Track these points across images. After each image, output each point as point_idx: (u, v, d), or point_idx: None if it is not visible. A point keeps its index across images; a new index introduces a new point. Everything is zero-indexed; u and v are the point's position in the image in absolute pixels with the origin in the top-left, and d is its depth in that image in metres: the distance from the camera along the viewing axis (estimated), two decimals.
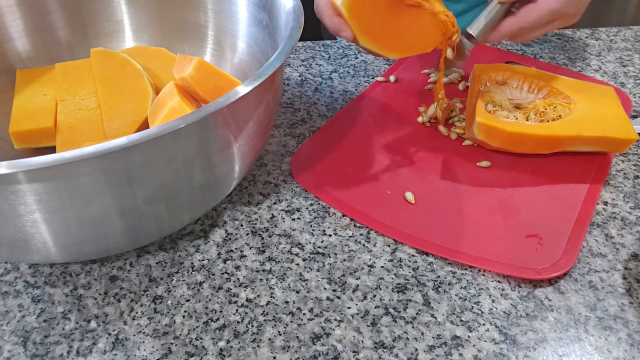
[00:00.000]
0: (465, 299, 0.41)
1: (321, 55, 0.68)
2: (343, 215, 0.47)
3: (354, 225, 0.47)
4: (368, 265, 0.43)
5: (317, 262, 0.44)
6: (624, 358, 0.38)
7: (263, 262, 0.44)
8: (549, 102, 0.53)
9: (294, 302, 0.41)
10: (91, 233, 0.37)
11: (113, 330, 0.39)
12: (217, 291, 0.41)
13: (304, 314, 0.40)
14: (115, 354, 0.37)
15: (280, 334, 0.39)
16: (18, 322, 0.39)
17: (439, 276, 0.43)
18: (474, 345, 0.38)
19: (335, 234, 0.46)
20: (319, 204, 0.49)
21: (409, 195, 0.48)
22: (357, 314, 0.40)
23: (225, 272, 0.43)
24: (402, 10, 0.47)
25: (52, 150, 0.50)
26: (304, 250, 0.45)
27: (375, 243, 0.45)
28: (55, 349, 0.38)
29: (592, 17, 1.68)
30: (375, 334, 0.39)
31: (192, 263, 0.43)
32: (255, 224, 0.47)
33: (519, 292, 0.42)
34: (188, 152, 0.37)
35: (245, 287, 0.42)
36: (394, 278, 0.42)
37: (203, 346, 0.38)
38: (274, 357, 0.37)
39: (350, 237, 0.46)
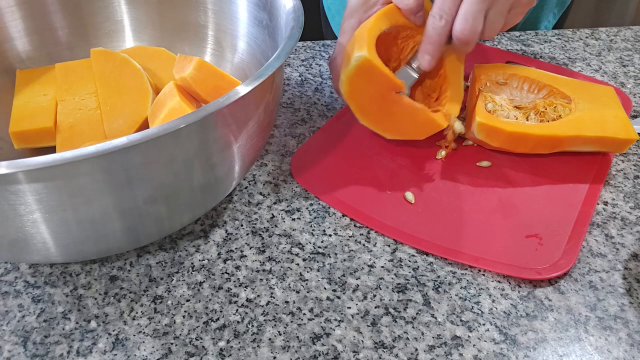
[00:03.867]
0: (465, 299, 0.41)
1: (321, 55, 0.68)
2: (343, 215, 0.47)
3: (354, 225, 0.47)
4: (368, 265, 0.43)
5: (317, 262, 0.44)
6: (624, 358, 0.38)
7: (263, 262, 0.44)
8: (549, 102, 0.53)
9: (294, 302, 0.41)
10: (91, 233, 0.37)
11: (113, 330, 0.39)
12: (217, 291, 0.41)
13: (304, 314, 0.40)
14: (115, 354, 0.37)
15: (280, 334, 0.39)
16: (18, 322, 0.39)
17: (439, 276, 0.43)
18: (474, 345, 0.38)
19: (335, 234, 0.46)
20: (319, 204, 0.49)
21: (409, 195, 0.48)
22: (357, 314, 0.40)
23: (225, 272, 0.43)
24: (397, 99, 0.48)
25: (52, 150, 0.50)
26: (304, 250, 0.45)
27: (375, 243, 0.45)
28: (55, 349, 0.38)
29: (592, 17, 1.68)
30: (375, 334, 0.39)
31: (192, 263, 0.43)
32: (255, 224, 0.47)
33: (519, 292, 0.42)
34: (188, 152, 0.37)
35: (246, 287, 0.42)
36: (394, 278, 0.42)
37: (203, 346, 0.38)
38: (274, 357, 0.37)
39: (350, 237, 0.46)
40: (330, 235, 0.46)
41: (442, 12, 0.46)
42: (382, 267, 0.43)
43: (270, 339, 0.38)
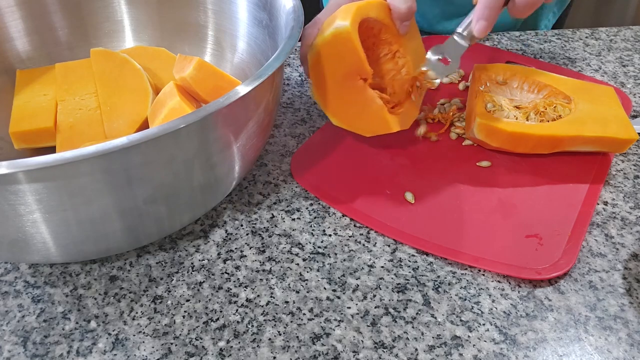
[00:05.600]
0: (465, 299, 0.41)
1: None
2: (343, 215, 0.47)
3: (354, 225, 0.47)
4: (368, 265, 0.43)
5: (317, 262, 0.44)
6: (624, 358, 0.38)
7: (263, 262, 0.44)
8: (549, 102, 0.53)
9: (294, 302, 0.41)
10: (91, 233, 0.37)
11: (113, 330, 0.39)
12: (217, 291, 0.41)
13: (304, 314, 0.40)
14: (115, 354, 0.37)
15: (280, 334, 0.39)
16: (18, 322, 0.39)
17: (439, 276, 0.43)
18: (474, 345, 0.38)
19: (335, 234, 0.46)
20: (319, 204, 0.49)
21: (409, 195, 0.48)
22: (357, 314, 0.40)
23: (225, 272, 0.43)
24: (358, 86, 0.47)
25: (52, 150, 0.50)
26: (304, 250, 0.45)
27: (375, 243, 0.45)
28: (55, 349, 0.38)
29: (592, 17, 1.68)
30: (375, 334, 0.39)
31: (192, 263, 0.43)
32: (255, 224, 0.47)
33: (519, 292, 0.42)
34: (188, 152, 0.37)
35: (245, 287, 0.42)
36: (394, 278, 0.42)
37: (203, 346, 0.38)
38: (274, 357, 0.37)
39: (350, 237, 0.46)
40: (330, 235, 0.46)
41: None
42: (382, 267, 0.43)
43: (270, 339, 0.38)
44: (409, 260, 0.44)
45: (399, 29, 0.48)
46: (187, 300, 0.41)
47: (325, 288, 0.42)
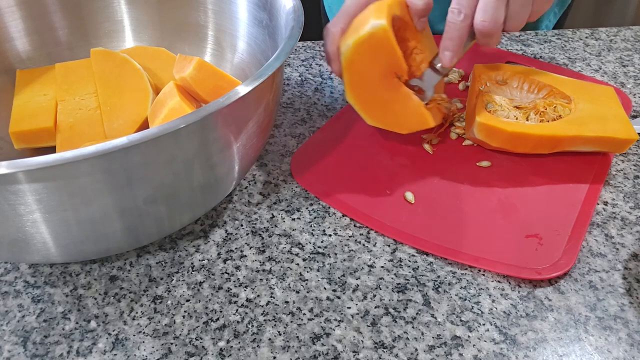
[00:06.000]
0: (465, 299, 0.41)
1: (321, 55, 0.68)
2: (343, 215, 0.47)
3: (354, 225, 0.47)
4: (368, 265, 0.43)
5: (317, 262, 0.44)
6: (624, 358, 0.38)
7: (263, 262, 0.44)
8: (549, 102, 0.53)
9: (294, 302, 0.41)
10: (91, 233, 0.37)
11: (113, 330, 0.39)
12: (217, 291, 0.41)
13: (304, 314, 0.40)
14: (115, 354, 0.37)
15: (280, 334, 0.39)
16: (18, 322, 0.39)
17: (439, 276, 0.43)
18: (474, 345, 0.38)
19: (335, 234, 0.46)
20: (319, 204, 0.49)
21: (409, 195, 0.48)
22: (357, 314, 0.40)
23: (225, 272, 0.43)
24: (395, 85, 0.47)
25: (52, 150, 0.50)
26: (304, 250, 0.45)
27: (375, 243, 0.45)
28: (55, 349, 0.38)
29: (592, 17, 1.68)
30: (375, 334, 0.39)
31: (192, 263, 0.43)
32: (255, 224, 0.47)
33: (519, 292, 0.42)
34: (188, 152, 0.37)
35: (245, 287, 0.42)
36: (394, 278, 0.42)
37: (203, 346, 0.38)
38: (274, 357, 0.37)
39: (350, 237, 0.46)
40: (330, 235, 0.46)
41: (460, 6, 0.44)
42: (382, 267, 0.43)
43: (270, 339, 0.38)
44: (409, 260, 0.44)
45: (416, 25, 0.49)
46: (187, 300, 0.41)
47: (325, 288, 0.42)
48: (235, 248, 0.45)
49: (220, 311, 0.40)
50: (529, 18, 0.46)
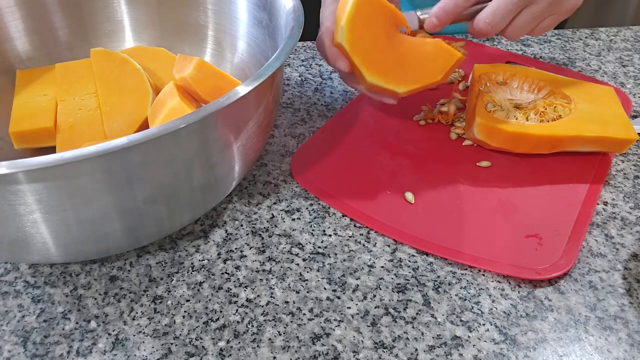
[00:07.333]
0: (465, 299, 0.41)
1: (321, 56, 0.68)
2: (343, 215, 0.47)
3: (354, 225, 0.47)
4: (368, 266, 0.43)
5: (317, 262, 0.44)
6: (624, 358, 0.38)
7: (263, 262, 0.44)
8: (549, 102, 0.53)
9: (294, 302, 0.41)
10: (91, 233, 0.37)
11: (113, 330, 0.39)
12: (217, 291, 0.41)
13: (304, 314, 0.40)
14: (115, 354, 0.37)
15: (280, 334, 0.39)
16: (18, 322, 0.39)
17: (439, 276, 0.43)
18: (474, 345, 0.38)
19: (335, 234, 0.46)
20: (319, 204, 0.49)
21: (409, 195, 0.48)
22: (357, 314, 0.40)
23: (225, 272, 0.43)
24: (402, 39, 0.46)
25: (52, 150, 0.50)
26: (304, 250, 0.45)
27: (375, 243, 0.45)
28: (55, 349, 0.38)
29: (592, 17, 1.68)
30: (375, 334, 0.39)
31: (192, 263, 0.43)
32: (255, 224, 0.47)
33: (519, 292, 0.42)
34: (188, 152, 0.37)
35: (245, 287, 0.42)
36: (394, 278, 0.42)
37: (203, 346, 0.38)
38: (274, 357, 0.37)
39: (350, 237, 0.46)
40: (330, 236, 0.46)
41: None
42: (382, 267, 0.43)
43: (270, 339, 0.38)
44: (409, 261, 0.44)
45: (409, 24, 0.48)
46: (187, 300, 0.41)
47: (325, 288, 0.42)
48: (235, 248, 0.45)
49: (220, 311, 0.40)
50: (530, 33, 0.47)
